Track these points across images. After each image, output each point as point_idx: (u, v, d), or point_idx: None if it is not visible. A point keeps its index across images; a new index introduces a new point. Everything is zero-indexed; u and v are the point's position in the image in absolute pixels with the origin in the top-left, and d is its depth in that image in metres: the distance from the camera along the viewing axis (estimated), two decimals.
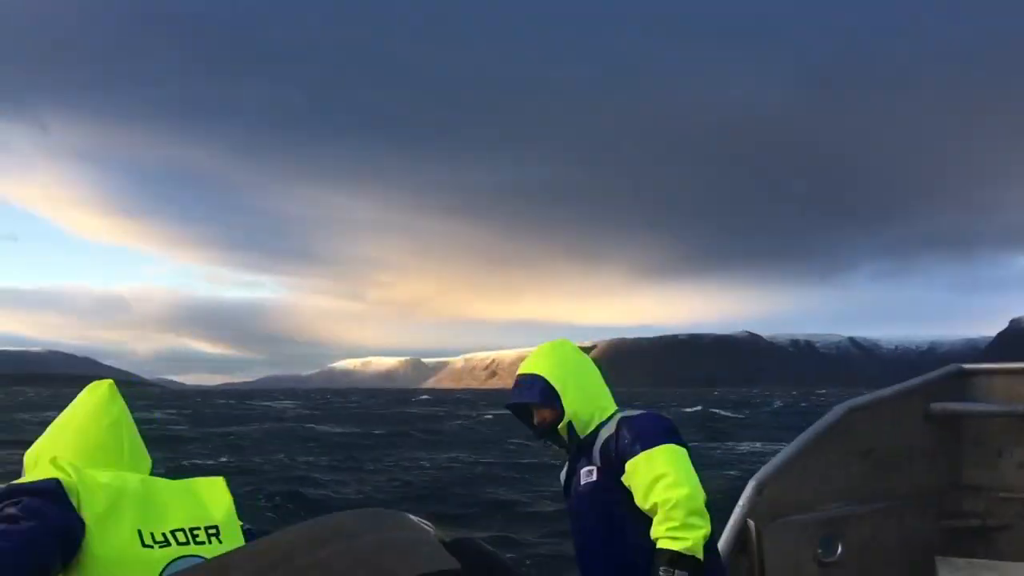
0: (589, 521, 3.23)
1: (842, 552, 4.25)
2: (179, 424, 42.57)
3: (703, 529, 2.98)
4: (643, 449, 3.07)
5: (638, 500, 3.06)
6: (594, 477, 3.18)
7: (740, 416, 53.46)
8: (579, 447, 3.27)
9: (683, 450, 3.11)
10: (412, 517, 1.36)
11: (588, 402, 3.27)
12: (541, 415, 3.29)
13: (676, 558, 2.93)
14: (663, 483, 3.02)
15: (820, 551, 4.23)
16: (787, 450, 4.29)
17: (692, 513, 2.99)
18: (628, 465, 3.08)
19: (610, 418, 3.24)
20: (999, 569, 4.21)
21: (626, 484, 3.09)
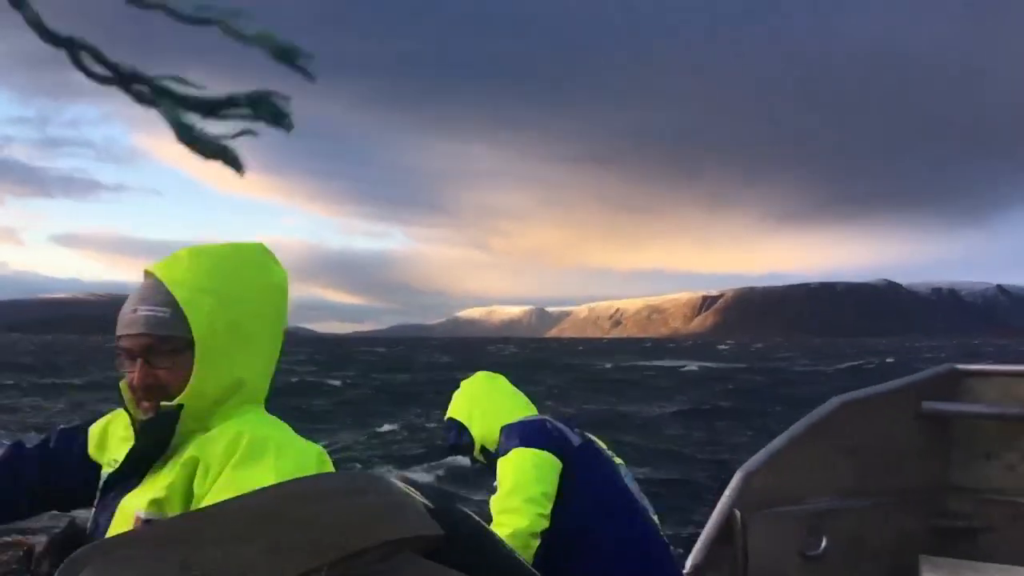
0: None
1: (826, 546, 4.23)
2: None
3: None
4: (502, 453, 3.23)
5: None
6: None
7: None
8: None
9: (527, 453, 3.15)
10: (397, 482, 1.32)
11: (493, 425, 3.40)
12: (464, 455, 3.55)
13: None
14: (506, 488, 3.10)
15: (805, 544, 4.21)
16: (776, 441, 4.27)
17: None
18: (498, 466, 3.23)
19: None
20: (982, 571, 4.19)
21: None
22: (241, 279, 1.84)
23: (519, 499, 2.98)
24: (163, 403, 1.78)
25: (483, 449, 3.44)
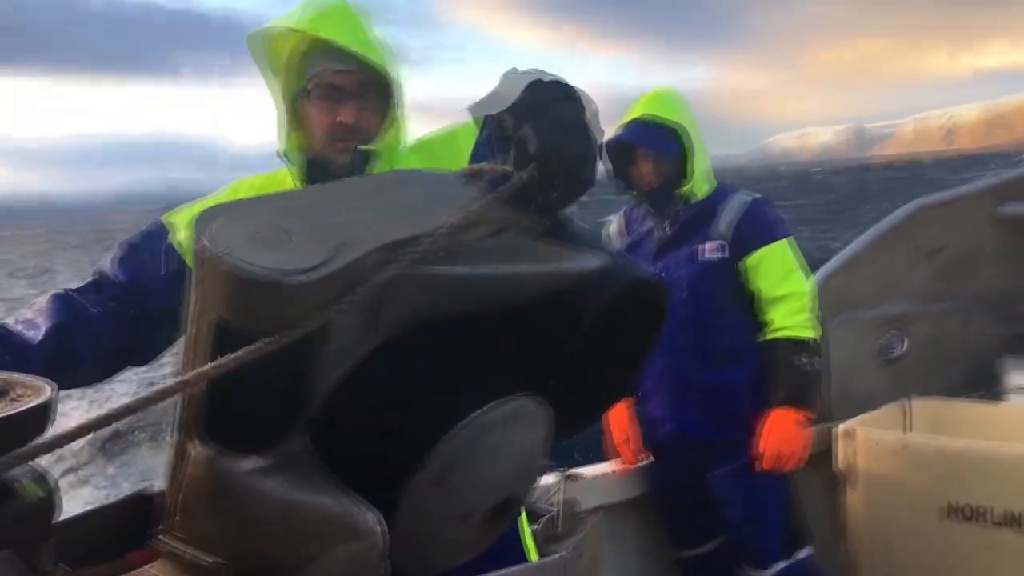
0: (704, 296, 3.08)
1: (906, 349, 4.18)
2: None
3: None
4: (778, 238, 3.04)
5: (766, 286, 3.01)
6: (726, 253, 3.06)
7: None
8: (691, 217, 3.12)
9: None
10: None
11: (707, 171, 3.12)
12: (658, 170, 3.10)
13: (810, 346, 2.97)
14: (798, 275, 3.03)
15: (884, 347, 4.16)
16: (854, 245, 4.18)
17: (815, 308, 3.03)
18: (764, 250, 3.02)
19: (720, 194, 3.12)
20: None
21: (749, 267, 3.03)
22: None
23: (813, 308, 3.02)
24: (361, 146, 1.74)
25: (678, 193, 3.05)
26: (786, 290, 2.98)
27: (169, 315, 1.61)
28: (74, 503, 1.36)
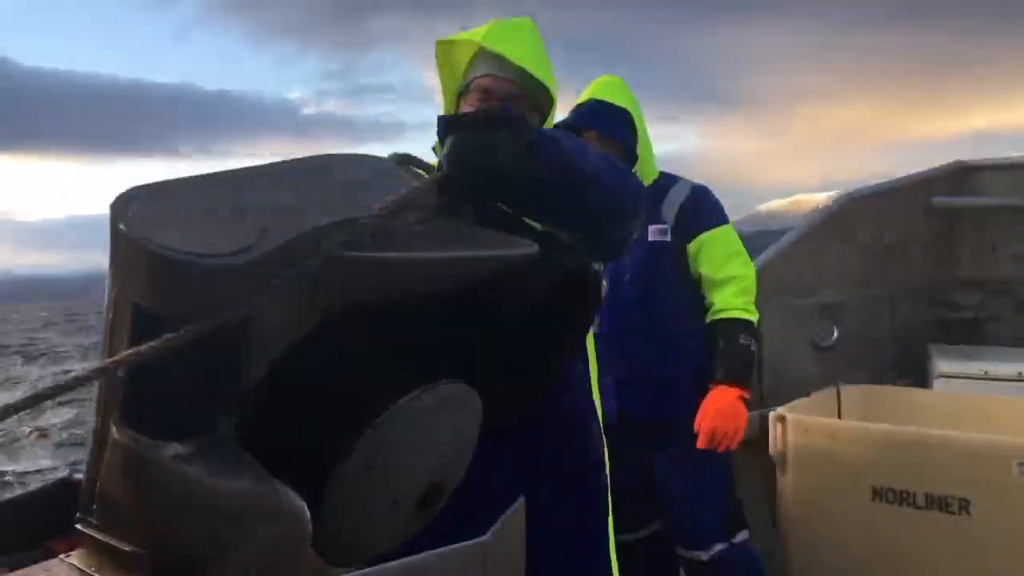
0: (648, 279, 3.09)
1: (838, 336, 4.27)
2: None
3: None
4: (720, 224, 3.07)
5: (709, 269, 3.03)
6: (668, 236, 3.08)
7: None
8: None
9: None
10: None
11: (651, 154, 3.12)
12: (605, 152, 3.12)
13: (751, 327, 3.01)
14: (741, 259, 3.06)
15: (817, 334, 4.24)
16: (789, 236, 4.25)
17: (755, 293, 3.07)
18: (706, 235, 3.04)
19: (664, 182, 3.13)
20: (988, 355, 4.26)
21: (692, 252, 3.06)
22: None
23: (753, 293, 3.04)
24: None
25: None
26: (728, 273, 3.02)
27: None
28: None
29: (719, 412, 2.93)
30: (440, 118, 1.35)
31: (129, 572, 0.99)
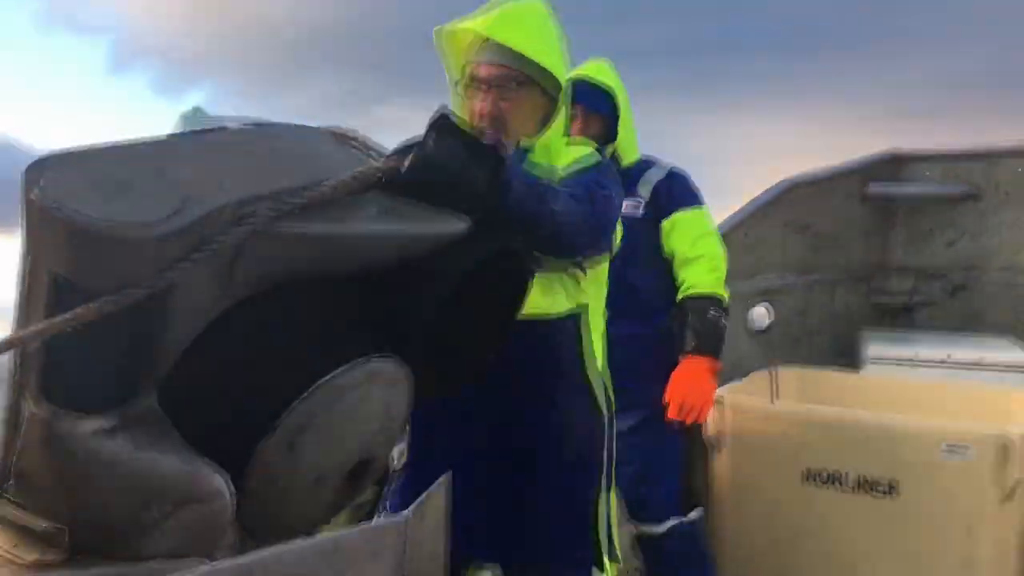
0: (619, 251, 3.11)
1: (773, 321, 4.33)
2: None
3: None
4: (696, 205, 3.07)
5: (681, 248, 3.04)
6: (641, 211, 3.10)
7: None
8: None
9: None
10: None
11: (632, 135, 3.15)
12: (587, 128, 3.12)
13: (722, 302, 3.02)
14: (713, 239, 3.06)
15: (753, 318, 4.30)
16: (729, 219, 4.30)
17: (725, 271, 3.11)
18: (679, 214, 3.05)
19: (643, 164, 3.15)
20: (920, 340, 4.36)
21: (665, 230, 3.08)
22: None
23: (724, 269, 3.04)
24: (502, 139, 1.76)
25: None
26: (699, 252, 3.05)
27: None
28: None
29: (689, 383, 2.96)
30: (441, 117, 1.30)
31: (47, 548, 0.97)
